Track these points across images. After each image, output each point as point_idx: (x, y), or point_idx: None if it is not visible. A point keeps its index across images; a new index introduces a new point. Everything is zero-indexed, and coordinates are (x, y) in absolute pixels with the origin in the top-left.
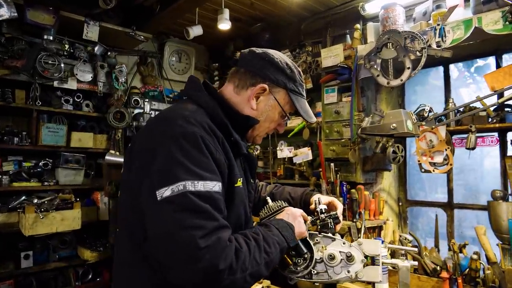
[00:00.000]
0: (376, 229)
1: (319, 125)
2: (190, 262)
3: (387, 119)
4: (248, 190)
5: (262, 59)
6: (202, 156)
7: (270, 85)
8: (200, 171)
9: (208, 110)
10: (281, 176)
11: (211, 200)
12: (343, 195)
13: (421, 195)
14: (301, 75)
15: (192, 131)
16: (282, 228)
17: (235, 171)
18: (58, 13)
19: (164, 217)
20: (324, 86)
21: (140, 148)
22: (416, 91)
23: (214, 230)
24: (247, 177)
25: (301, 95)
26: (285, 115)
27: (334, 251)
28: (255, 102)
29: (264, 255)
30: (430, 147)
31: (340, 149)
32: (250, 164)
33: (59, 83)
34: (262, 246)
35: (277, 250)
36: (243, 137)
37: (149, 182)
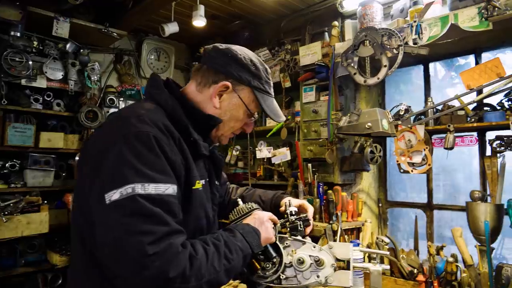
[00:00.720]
0: (355, 231)
1: (298, 124)
2: (138, 270)
3: (363, 118)
4: (212, 191)
5: (225, 56)
6: (155, 157)
7: (233, 82)
8: (151, 173)
9: (167, 109)
10: (261, 177)
11: (163, 203)
12: (319, 196)
13: (402, 196)
14: (268, 72)
15: (145, 130)
16: (247, 233)
17: (193, 173)
18: (25, 9)
19: (112, 222)
20: (302, 84)
21: (93, 148)
22: (402, 91)
23: (164, 236)
24: (212, 178)
25: (268, 93)
26: (251, 114)
27: (303, 255)
28: (218, 100)
29: (225, 261)
30: (408, 147)
31: (317, 149)
32: (215, 164)
33: (27, 81)
34: (222, 252)
35: (239, 256)
36: (206, 137)
37: (99, 185)
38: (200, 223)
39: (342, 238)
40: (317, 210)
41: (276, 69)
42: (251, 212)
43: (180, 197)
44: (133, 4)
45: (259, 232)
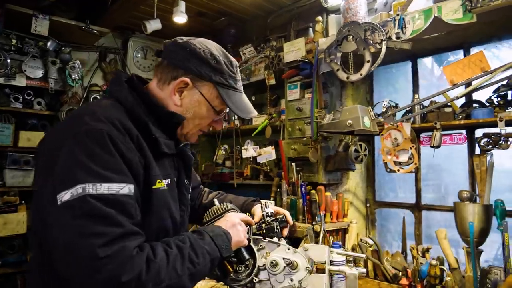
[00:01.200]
0: (340, 232)
1: (283, 123)
2: (89, 274)
3: (344, 115)
4: (180, 191)
5: (183, 50)
6: (109, 156)
7: (193, 78)
8: (104, 172)
9: (126, 106)
10: (248, 176)
11: (117, 204)
12: (302, 196)
13: (391, 196)
14: (233, 65)
15: (99, 128)
16: (217, 236)
17: (153, 171)
18: (3, 6)
19: (63, 224)
20: (287, 82)
21: (46, 147)
22: (394, 89)
23: (117, 238)
24: (181, 177)
25: (233, 88)
26: (217, 111)
27: (277, 257)
28: (179, 97)
29: (189, 265)
30: (395, 145)
31: (301, 148)
32: (185, 163)
33: (6, 80)
34: (186, 255)
35: (206, 260)
36: (172, 135)
37: (51, 185)
38: (164, 224)
39: (325, 239)
40: (300, 211)
41: (260, 66)
42: (226, 212)
43: (139, 197)
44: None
45: (230, 235)
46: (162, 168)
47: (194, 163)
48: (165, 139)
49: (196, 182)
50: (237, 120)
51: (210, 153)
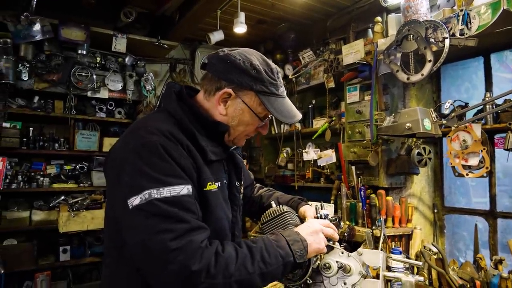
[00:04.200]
0: (403, 238)
1: (342, 126)
2: (163, 265)
3: (402, 118)
4: (231, 193)
5: (224, 62)
6: (165, 163)
7: (235, 88)
8: (164, 177)
9: (176, 118)
10: (309, 179)
11: (180, 203)
12: (362, 200)
13: (463, 202)
14: (273, 72)
15: (152, 140)
16: (293, 242)
17: (203, 175)
18: (89, 29)
19: (136, 225)
20: (346, 84)
21: (113, 158)
22: (465, 88)
23: (185, 232)
24: (232, 180)
25: (275, 95)
26: (261, 118)
27: (330, 260)
28: (224, 107)
29: (261, 264)
30: (463, 148)
31: (361, 151)
32: (235, 166)
33: (92, 93)
34: (258, 255)
35: (279, 263)
36: (220, 142)
37: (121, 193)
38: (220, 224)
39: (386, 245)
40: (360, 215)
41: (320, 70)
42: (282, 215)
43: (197, 197)
44: (179, 16)
45: (307, 242)
46: (213, 172)
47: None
48: (213, 146)
49: (249, 180)
50: (298, 123)
51: (273, 156)
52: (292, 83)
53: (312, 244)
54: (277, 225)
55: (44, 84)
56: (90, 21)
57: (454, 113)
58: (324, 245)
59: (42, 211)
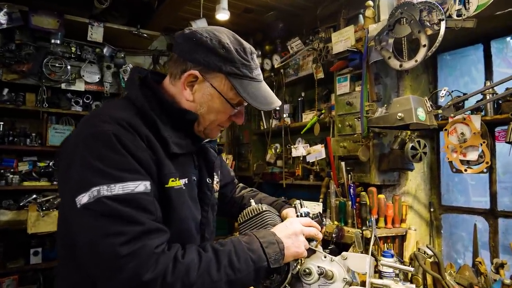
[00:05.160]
0: (397, 240)
1: (332, 119)
2: (112, 273)
3: (394, 108)
4: (202, 191)
5: (189, 41)
6: (118, 156)
7: (202, 70)
8: (116, 172)
9: (137, 105)
10: (299, 176)
11: (134, 202)
12: (351, 198)
13: (462, 200)
14: (246, 52)
15: (105, 129)
16: (268, 244)
17: (165, 170)
18: (62, 17)
19: (83, 226)
20: (336, 75)
21: (64, 150)
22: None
23: (138, 236)
24: (202, 176)
25: (248, 78)
26: (234, 104)
27: (311, 265)
28: (190, 92)
29: (228, 271)
30: (461, 141)
31: (351, 145)
32: (206, 161)
33: (67, 85)
34: (225, 259)
35: (249, 268)
36: (189, 133)
37: (69, 190)
38: (185, 225)
39: (377, 247)
40: (349, 214)
41: (309, 60)
42: (260, 214)
43: (157, 195)
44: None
45: (283, 245)
46: (178, 167)
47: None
48: (179, 138)
49: (228, 177)
50: (288, 118)
51: (262, 152)
52: (280, 75)
53: (290, 248)
54: (255, 225)
55: (13, 75)
56: (63, 9)
57: (451, 102)
58: (304, 249)
59: (10, 211)
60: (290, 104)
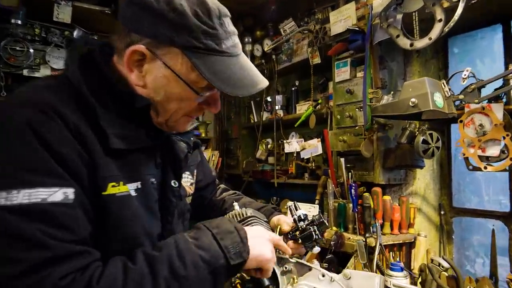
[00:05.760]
0: (403, 248)
1: (330, 110)
2: None
3: (405, 92)
4: (165, 197)
5: (132, 5)
6: (30, 151)
7: (150, 44)
8: (24, 174)
9: (74, 85)
10: (292, 174)
11: (44, 216)
12: (352, 200)
13: (475, 202)
14: (211, 16)
15: (18, 116)
16: (224, 234)
17: (101, 172)
18: None
19: None
20: (335, 59)
21: None
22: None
23: (41, 264)
24: (167, 178)
25: (215, 52)
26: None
27: (305, 287)
28: (139, 74)
29: (172, 284)
30: (480, 134)
31: (352, 139)
32: (172, 159)
33: (30, 71)
34: (164, 268)
35: (202, 273)
36: (145, 124)
37: None
38: (134, 243)
39: (381, 256)
40: (350, 219)
41: (304, 44)
42: (244, 221)
43: (88, 204)
44: None
45: (246, 234)
46: (127, 167)
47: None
48: (127, 129)
49: (209, 177)
50: (280, 110)
51: (252, 148)
52: (272, 62)
53: (254, 246)
54: None
55: None
56: None
57: (475, 84)
58: (273, 256)
59: None
60: (283, 95)
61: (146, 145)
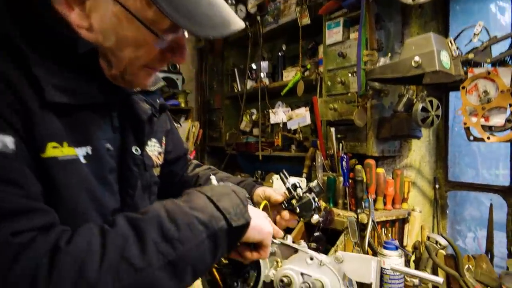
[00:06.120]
0: (396, 224)
1: (320, 76)
2: None
3: (407, 51)
4: (125, 165)
5: None
6: None
7: None
8: None
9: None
10: (278, 147)
11: None
12: (343, 173)
13: (471, 175)
14: None
15: None
16: (219, 196)
17: (39, 129)
18: None
19: None
20: (326, 19)
21: None
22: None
23: None
24: (126, 143)
25: None
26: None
27: (291, 272)
28: (81, 12)
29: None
30: (484, 102)
31: (344, 107)
32: (134, 121)
33: None
34: (153, 232)
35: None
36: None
37: None
38: (83, 221)
39: (374, 233)
40: (340, 193)
41: (291, 3)
42: None
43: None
44: None
45: (247, 202)
46: (76, 127)
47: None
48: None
49: (180, 149)
50: (266, 78)
51: (235, 119)
52: (257, 24)
53: (254, 218)
54: None
55: None
56: None
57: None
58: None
59: None
60: (269, 62)
61: (97, 101)
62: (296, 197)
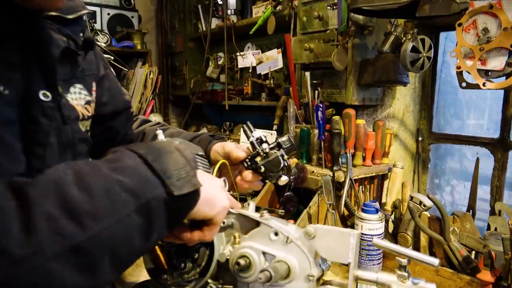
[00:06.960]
0: (375, 181)
1: (294, 10)
2: None
3: None
4: (28, 115)
5: None
6: None
7: None
8: None
9: None
10: (248, 95)
11: None
12: (319, 125)
13: (456, 126)
14: None
15: None
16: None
17: None
18: None
19: None
20: None
21: None
22: None
23: None
24: (32, 86)
25: None
26: None
27: (250, 252)
28: None
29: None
30: (483, 42)
31: (321, 47)
32: (43, 55)
33: None
34: (47, 201)
35: (120, 207)
36: None
37: None
38: None
39: (351, 192)
40: (315, 148)
41: None
42: None
43: None
44: None
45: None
46: None
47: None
48: None
49: (119, 102)
50: (234, 16)
51: (200, 64)
52: None
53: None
54: None
55: None
56: None
57: None
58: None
59: None
60: None
61: None
62: (261, 154)
